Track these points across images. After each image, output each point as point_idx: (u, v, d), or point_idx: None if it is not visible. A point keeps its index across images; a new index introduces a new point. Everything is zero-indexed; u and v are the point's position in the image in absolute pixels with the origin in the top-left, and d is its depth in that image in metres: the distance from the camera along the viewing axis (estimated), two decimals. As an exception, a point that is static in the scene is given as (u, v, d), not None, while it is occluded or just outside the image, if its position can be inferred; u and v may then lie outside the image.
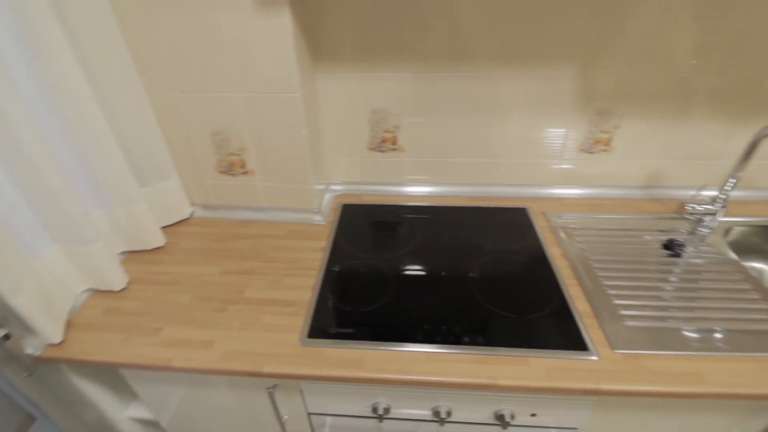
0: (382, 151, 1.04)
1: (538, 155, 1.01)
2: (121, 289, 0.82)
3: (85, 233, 0.74)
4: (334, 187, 1.11)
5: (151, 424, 0.96)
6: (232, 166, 0.96)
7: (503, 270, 0.83)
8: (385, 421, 0.76)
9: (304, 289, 0.80)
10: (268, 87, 0.82)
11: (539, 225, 0.95)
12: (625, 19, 0.81)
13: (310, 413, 0.78)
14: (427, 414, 0.74)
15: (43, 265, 0.71)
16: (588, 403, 0.69)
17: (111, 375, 0.85)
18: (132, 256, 0.92)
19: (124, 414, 0.93)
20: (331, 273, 0.84)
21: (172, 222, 1.01)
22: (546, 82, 0.90)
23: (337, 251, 0.90)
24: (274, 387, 0.71)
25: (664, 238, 0.89)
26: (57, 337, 0.70)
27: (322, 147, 1.03)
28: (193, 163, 0.97)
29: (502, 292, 0.78)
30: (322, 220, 1.00)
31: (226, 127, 0.90)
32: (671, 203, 1.00)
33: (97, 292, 0.82)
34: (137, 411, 0.93)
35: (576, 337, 0.67)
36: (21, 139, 0.61)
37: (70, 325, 0.74)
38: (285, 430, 0.81)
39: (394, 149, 1.04)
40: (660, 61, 0.86)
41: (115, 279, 0.81)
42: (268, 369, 0.65)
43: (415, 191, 1.08)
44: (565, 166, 1.02)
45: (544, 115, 0.95)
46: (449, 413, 0.72)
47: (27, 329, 0.67)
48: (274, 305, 0.76)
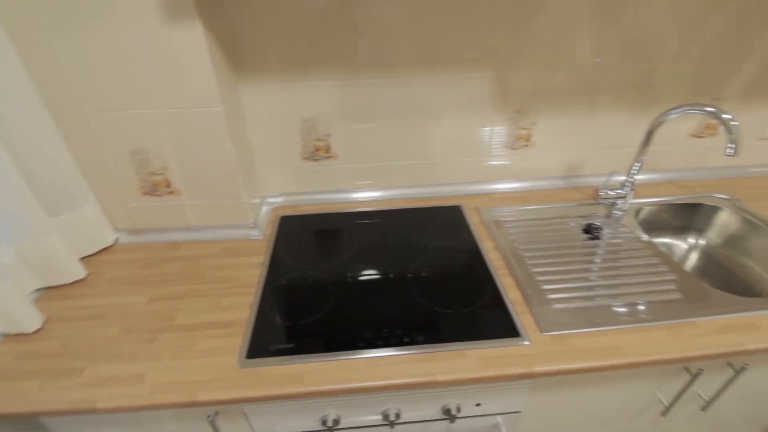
0: (316, 159, 1.04)
1: (468, 154, 1.06)
2: (36, 331, 0.75)
3: (-14, 274, 0.67)
4: (271, 199, 1.09)
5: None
6: (156, 187, 0.91)
7: (440, 267, 0.85)
8: (337, 431, 0.75)
9: (241, 308, 0.77)
10: (187, 102, 0.79)
11: (473, 220, 0.99)
12: (531, 24, 0.87)
13: (258, 435, 0.75)
14: (377, 419, 0.74)
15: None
16: (525, 386, 0.73)
17: (35, 427, 0.77)
18: (49, 292, 0.84)
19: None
20: (270, 288, 0.82)
21: (94, 251, 0.93)
22: (468, 85, 0.94)
23: (276, 265, 0.88)
24: (215, 414, 0.68)
25: (584, 223, 0.96)
26: (-41, 393, 0.63)
27: (254, 159, 1.01)
28: (112, 186, 0.91)
29: (439, 289, 0.80)
30: (259, 234, 0.97)
31: (145, 146, 0.85)
32: (588, 190, 1.08)
33: (7, 337, 0.74)
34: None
35: (508, 325, 0.71)
36: None
37: (-25, 378, 0.67)
38: (234, 457, 0.77)
39: (329, 157, 1.04)
40: (567, 61, 0.93)
41: (27, 320, 0.74)
42: (203, 397, 0.62)
43: (353, 197, 1.09)
44: (493, 163, 1.07)
45: (470, 116, 0.99)
46: (398, 415, 0.73)
47: None
48: (209, 328, 0.73)
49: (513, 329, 0.70)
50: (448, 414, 0.73)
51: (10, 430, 0.75)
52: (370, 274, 0.85)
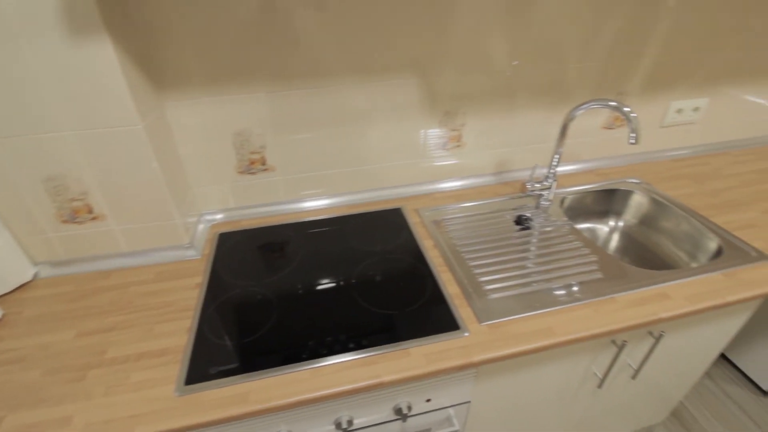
0: (252, 173, 1.02)
1: (405, 157, 1.09)
2: (-60, 385, 0.67)
3: None
4: (208, 217, 1.05)
5: None
6: (77, 213, 0.85)
7: (383, 270, 0.87)
8: (290, 447, 0.74)
9: (178, 333, 0.74)
10: (102, 121, 0.75)
11: (413, 221, 1.01)
12: (449, 32, 0.91)
13: (207, 463, 0.72)
14: (330, 428, 0.74)
15: None
16: (470, 376, 0.76)
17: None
18: (-44, 340, 0.76)
19: None
20: (209, 309, 0.79)
21: (10, 289, 0.86)
22: (396, 91, 0.97)
23: (215, 285, 0.85)
24: (156, 448, 0.64)
25: (516, 215, 1.02)
26: None
27: (186, 177, 0.97)
28: (26, 216, 0.84)
29: (382, 291, 0.81)
30: (197, 254, 0.94)
31: (60, 170, 0.79)
32: (517, 184, 1.15)
33: None
34: None
35: (449, 319, 0.74)
36: None
37: None
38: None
39: (265, 169, 1.02)
40: (487, 65, 0.98)
41: (-71, 374, 0.66)
42: None
43: (294, 208, 1.08)
44: (429, 164, 1.11)
45: (402, 120, 1.02)
46: (350, 422, 0.73)
47: None
48: (144, 359, 0.70)
49: (453, 323, 0.73)
50: (400, 413, 0.75)
51: None
52: (313, 283, 0.84)
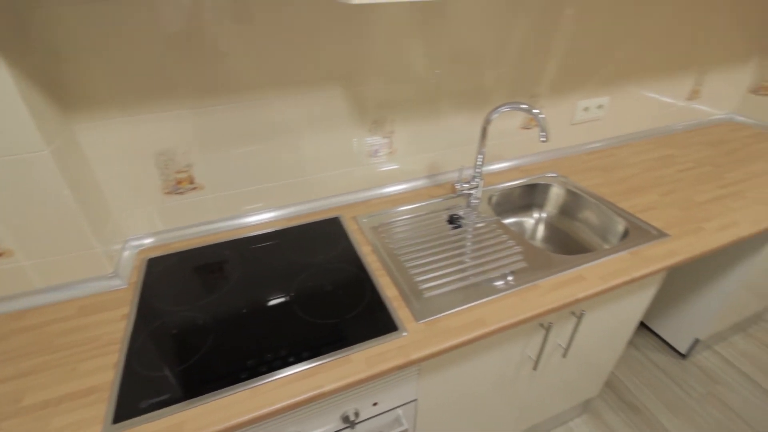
0: (180, 192, 0.98)
1: (339, 166, 1.10)
2: None
3: None
4: (135, 242, 1.00)
5: None
6: (-23, 252, 0.78)
7: (322, 280, 0.87)
8: (237, 472, 0.72)
9: (104, 369, 0.70)
10: (1, 150, 0.69)
11: (351, 229, 1.03)
12: (369, 44, 0.95)
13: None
14: (278, 446, 0.73)
15: None
16: (413, 374, 0.78)
17: None
18: None
19: None
20: (138, 340, 0.75)
21: None
22: (324, 102, 0.98)
23: (145, 313, 0.81)
24: (85, 496, 0.60)
25: (448, 215, 1.07)
26: None
27: (106, 202, 0.92)
28: None
29: (322, 302, 0.82)
30: (123, 283, 0.89)
31: (-48, 206, 0.72)
32: (449, 185, 1.21)
33: None
34: None
35: (388, 321, 0.76)
36: None
37: None
38: None
39: (194, 188, 0.99)
40: (411, 74, 1.03)
41: None
42: (61, 480, 0.54)
43: (228, 225, 1.05)
44: (364, 172, 1.13)
45: (333, 131, 1.03)
46: (298, 436, 0.73)
47: None
48: (66, 401, 0.65)
49: (392, 324, 0.75)
50: (348, 421, 0.75)
51: None
52: (251, 301, 0.83)
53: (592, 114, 1.35)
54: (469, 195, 1.10)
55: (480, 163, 1.06)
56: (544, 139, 0.93)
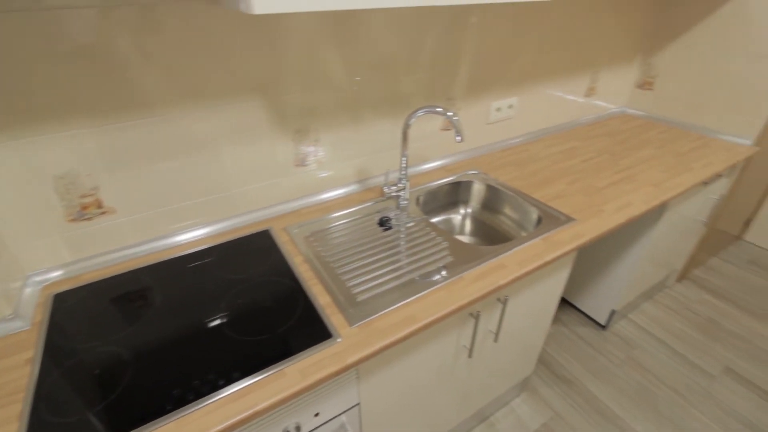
0: (88, 218, 0.91)
1: (266, 178, 1.08)
2: None
3: None
4: (37, 278, 0.90)
5: None
6: None
7: (253, 297, 0.85)
8: None
9: (6, 423, 0.62)
10: None
11: (281, 240, 1.02)
12: (286, 52, 0.94)
13: None
14: (217, 474, 0.70)
15: None
16: (352, 379, 0.79)
17: None
18: None
19: None
20: (46, 385, 0.68)
21: None
22: (241, 113, 0.96)
23: (52, 355, 0.73)
24: None
25: (378, 218, 1.09)
26: None
27: (-3, 237, 0.82)
28: None
29: (253, 318, 0.80)
30: (25, 324, 0.80)
31: None
32: (377, 189, 1.24)
33: None
34: None
35: (321, 330, 0.76)
36: None
37: None
38: None
39: (103, 213, 0.92)
40: (331, 82, 1.04)
41: None
42: None
43: (151, 248, 0.99)
44: (292, 181, 1.12)
45: (254, 142, 1.01)
46: (237, 459, 0.70)
47: None
48: (-44, 467, 0.57)
49: (326, 332, 0.75)
50: (289, 435, 0.74)
51: None
52: (175, 326, 0.79)
53: (505, 113, 1.46)
54: (398, 197, 1.14)
55: (404, 166, 1.10)
56: (459, 139, 0.99)
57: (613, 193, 1.22)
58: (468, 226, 1.32)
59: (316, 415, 0.78)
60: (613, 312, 1.72)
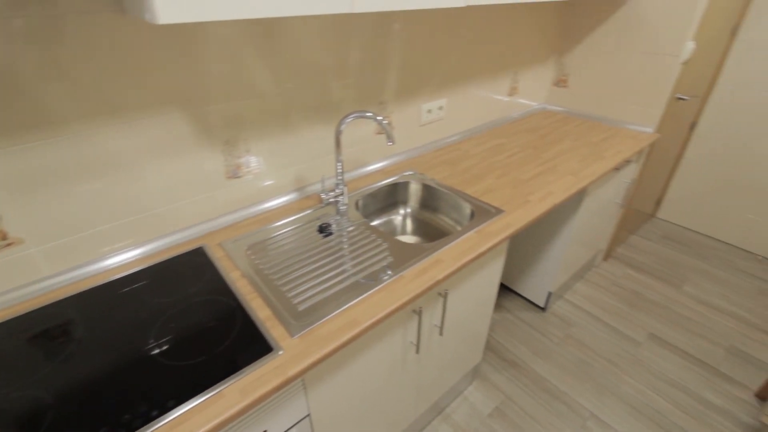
0: (-11, 253, 0.82)
1: (195, 193, 1.04)
2: None
3: None
4: (-69, 324, 0.80)
5: None
6: None
7: (187, 318, 0.82)
8: None
9: None
10: None
11: (217, 257, 0.98)
12: (205, 62, 0.91)
13: None
14: None
15: None
16: (298, 390, 0.78)
17: None
18: None
19: None
20: (-54, 443, 0.60)
21: None
22: (160, 127, 0.92)
23: (-46, 408, 0.65)
24: None
25: (317, 225, 1.09)
26: None
27: None
28: None
29: (189, 342, 0.76)
30: None
31: None
32: (316, 197, 1.23)
33: None
34: None
35: (261, 344, 0.74)
36: None
37: None
38: None
39: (9, 244, 0.83)
40: (257, 91, 1.02)
41: None
42: None
43: (71, 278, 0.91)
44: (226, 195, 1.09)
45: (179, 157, 0.97)
46: (181, 491, 0.67)
47: None
48: None
49: (266, 346, 0.74)
50: (237, 457, 0.72)
51: None
52: (100, 360, 0.73)
53: (435, 115, 1.51)
54: (337, 202, 1.14)
55: (340, 171, 1.10)
56: (391, 143, 1.01)
57: (537, 184, 1.31)
58: (409, 225, 1.35)
59: (265, 431, 0.76)
60: (550, 294, 1.84)
